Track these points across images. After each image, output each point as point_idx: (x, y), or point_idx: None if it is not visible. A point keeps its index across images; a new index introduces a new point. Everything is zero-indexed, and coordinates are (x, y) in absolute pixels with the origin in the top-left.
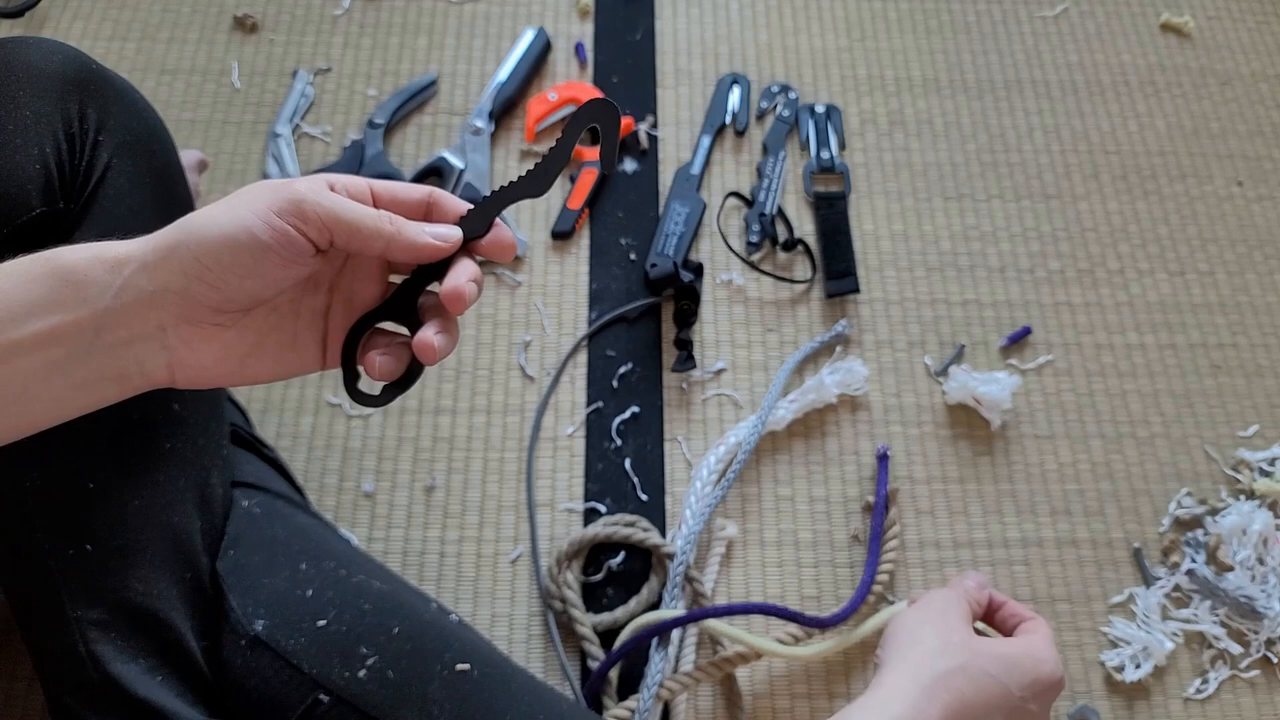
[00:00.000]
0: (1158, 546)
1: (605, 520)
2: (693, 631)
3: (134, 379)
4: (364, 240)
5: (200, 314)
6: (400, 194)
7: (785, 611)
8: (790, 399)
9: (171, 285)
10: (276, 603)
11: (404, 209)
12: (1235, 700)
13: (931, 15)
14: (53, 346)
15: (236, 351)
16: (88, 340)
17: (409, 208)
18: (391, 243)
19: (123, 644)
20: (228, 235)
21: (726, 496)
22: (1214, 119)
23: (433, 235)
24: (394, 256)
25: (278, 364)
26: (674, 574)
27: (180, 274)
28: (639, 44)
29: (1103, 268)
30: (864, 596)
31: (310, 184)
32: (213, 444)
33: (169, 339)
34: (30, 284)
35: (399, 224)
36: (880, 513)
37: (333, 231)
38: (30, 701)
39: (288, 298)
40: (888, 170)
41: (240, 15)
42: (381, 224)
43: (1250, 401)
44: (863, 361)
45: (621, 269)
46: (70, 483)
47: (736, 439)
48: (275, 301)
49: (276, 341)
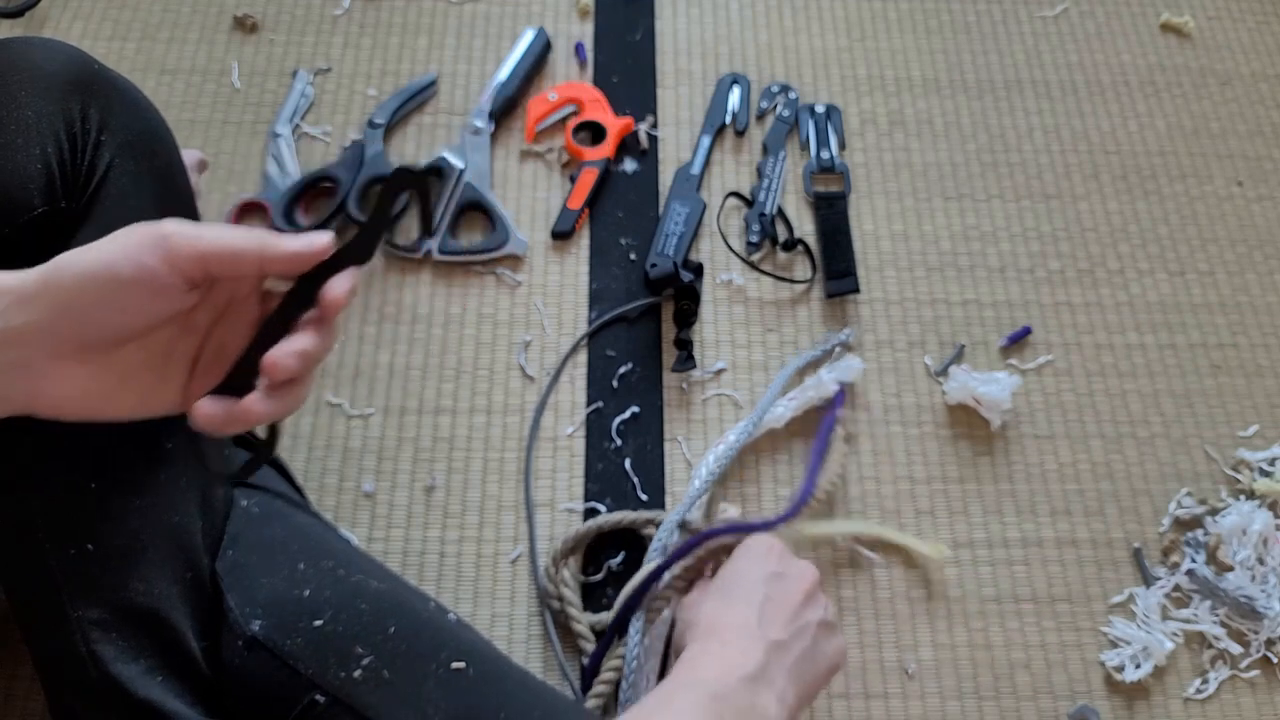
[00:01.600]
0: (1158, 546)
1: (603, 516)
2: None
3: None
4: (238, 258)
5: (66, 349)
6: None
7: (737, 526)
8: (790, 397)
9: (40, 320)
10: (274, 603)
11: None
12: (1235, 700)
13: (931, 15)
14: None
15: (100, 386)
16: None
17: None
18: (265, 251)
19: (123, 644)
20: (91, 272)
21: (724, 489)
22: (1214, 119)
23: (304, 241)
24: (270, 268)
25: (140, 402)
26: (654, 545)
27: (48, 309)
28: (639, 44)
29: (1103, 268)
30: (806, 500)
31: (179, 223)
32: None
33: (31, 372)
34: None
35: (270, 236)
36: (829, 425)
37: (206, 259)
38: (30, 701)
39: (162, 336)
40: (888, 170)
41: (240, 15)
42: (251, 239)
43: (1250, 401)
44: (860, 359)
45: (621, 269)
46: (72, 483)
47: (736, 438)
48: (147, 340)
49: (142, 381)
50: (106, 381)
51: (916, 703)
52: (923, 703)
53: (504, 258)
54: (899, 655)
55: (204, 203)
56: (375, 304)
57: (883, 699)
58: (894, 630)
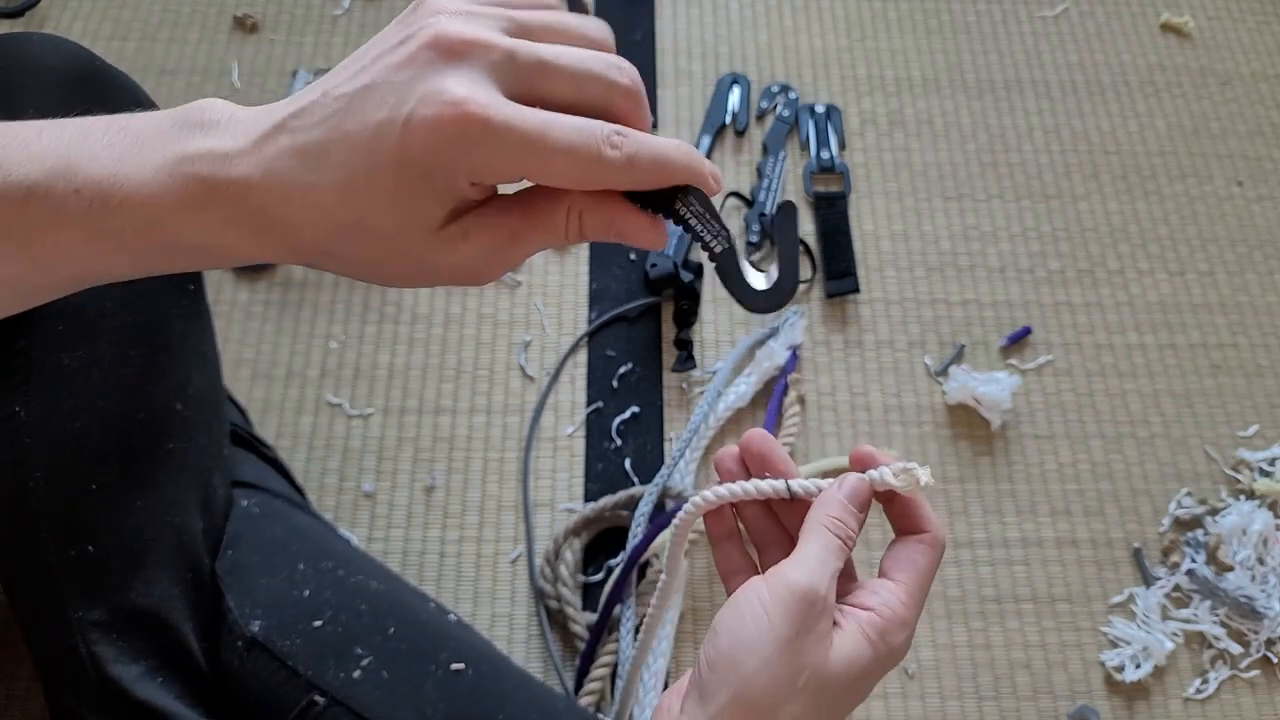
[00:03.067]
0: (1158, 546)
1: (587, 506)
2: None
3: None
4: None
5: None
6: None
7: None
8: (747, 373)
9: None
10: (274, 603)
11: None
12: (1235, 700)
13: (931, 15)
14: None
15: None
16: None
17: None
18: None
19: (124, 645)
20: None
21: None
22: (1214, 119)
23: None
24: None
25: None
26: (633, 528)
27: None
28: (639, 44)
29: (1103, 268)
30: None
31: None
32: (214, 444)
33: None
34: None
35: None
36: (780, 391)
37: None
38: (30, 701)
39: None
40: (888, 170)
41: (240, 15)
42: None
43: (1250, 401)
44: (798, 312)
45: (621, 269)
46: (73, 483)
47: (698, 419)
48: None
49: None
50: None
51: (916, 703)
52: (923, 703)
53: None
54: None
55: None
56: (375, 304)
57: (882, 699)
58: None
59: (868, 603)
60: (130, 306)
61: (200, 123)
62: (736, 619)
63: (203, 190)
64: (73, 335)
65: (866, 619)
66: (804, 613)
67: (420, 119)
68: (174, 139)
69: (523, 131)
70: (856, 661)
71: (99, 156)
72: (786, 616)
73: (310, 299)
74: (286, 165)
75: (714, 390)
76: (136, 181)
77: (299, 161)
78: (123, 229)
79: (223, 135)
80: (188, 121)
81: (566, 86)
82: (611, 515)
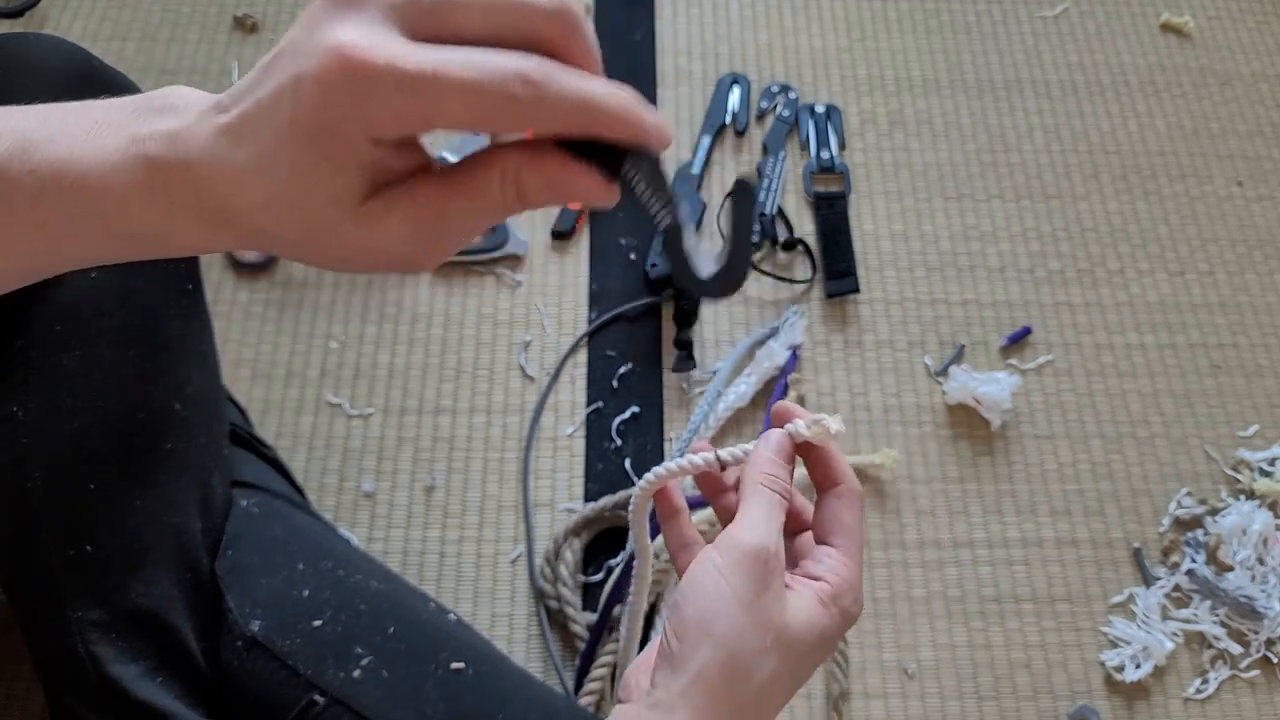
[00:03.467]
0: (1158, 546)
1: (587, 506)
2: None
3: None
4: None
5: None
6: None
7: (700, 499)
8: (747, 373)
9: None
10: (273, 603)
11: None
12: (1235, 700)
13: (931, 15)
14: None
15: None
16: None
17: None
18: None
19: (123, 645)
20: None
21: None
22: (1214, 119)
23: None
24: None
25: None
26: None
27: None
28: (639, 44)
29: (1103, 268)
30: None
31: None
32: (213, 444)
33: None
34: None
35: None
36: (780, 391)
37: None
38: (30, 701)
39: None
40: (888, 170)
41: (240, 15)
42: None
43: (1250, 401)
44: (798, 312)
45: (621, 269)
46: (72, 484)
47: (698, 419)
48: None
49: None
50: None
51: (916, 703)
52: (923, 703)
53: (504, 258)
54: (899, 655)
55: None
56: (375, 304)
57: (882, 699)
58: (894, 630)
59: (816, 572)
60: (129, 306)
61: (160, 107)
62: (696, 588)
63: (149, 171)
64: (71, 335)
65: (819, 587)
66: (759, 570)
67: (307, 74)
68: (132, 122)
69: (411, 71)
70: (816, 624)
71: (56, 139)
72: (743, 576)
73: (310, 299)
74: (217, 144)
75: (714, 390)
76: (90, 163)
77: (227, 139)
78: (75, 212)
79: (175, 117)
80: (149, 106)
81: (476, 18)
82: (611, 515)
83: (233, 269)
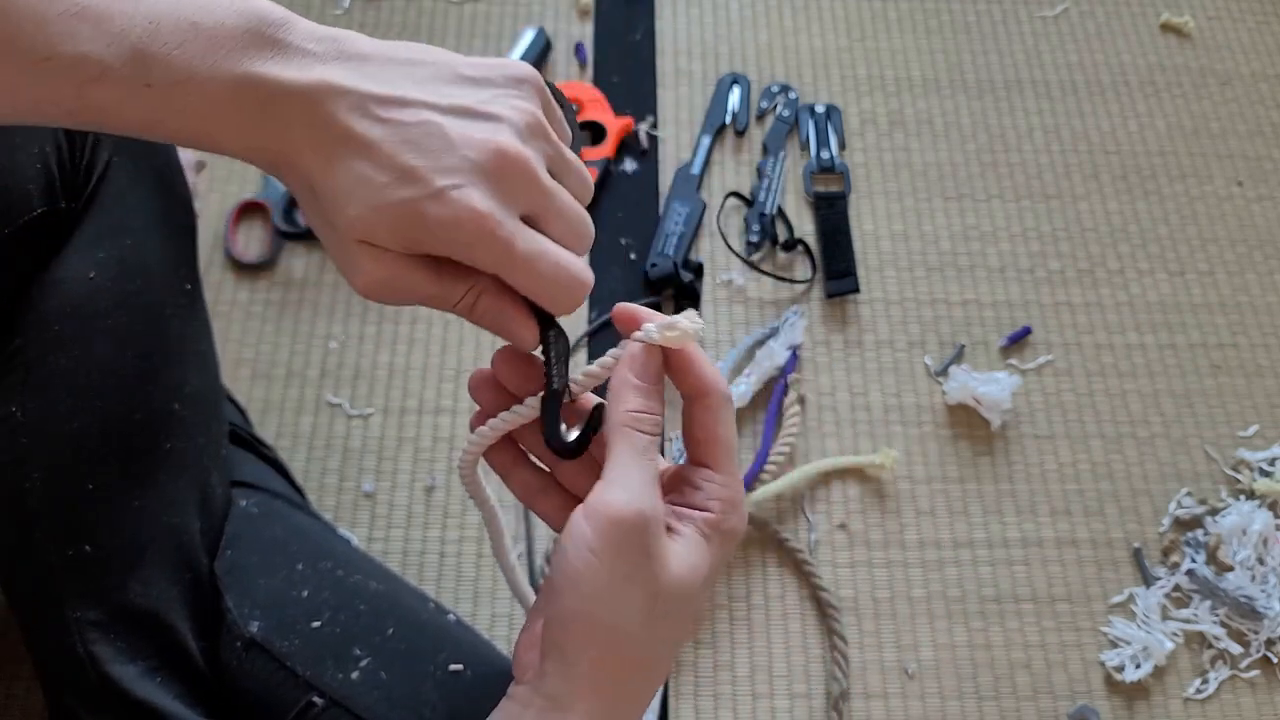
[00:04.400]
0: (1158, 546)
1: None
2: None
3: None
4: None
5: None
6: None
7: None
8: (747, 373)
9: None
10: (272, 604)
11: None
12: (1235, 700)
13: (931, 15)
14: None
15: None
16: None
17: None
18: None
19: (122, 645)
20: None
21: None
22: (1214, 119)
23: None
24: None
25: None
26: None
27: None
28: (639, 44)
29: (1103, 268)
30: (757, 472)
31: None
32: (213, 444)
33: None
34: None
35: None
36: (780, 392)
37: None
38: (30, 701)
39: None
40: (888, 170)
41: None
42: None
43: (1250, 401)
44: (798, 312)
45: (621, 269)
46: (70, 484)
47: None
48: None
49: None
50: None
51: (916, 703)
52: (923, 703)
53: None
54: (899, 655)
55: (203, 203)
56: (375, 304)
57: (882, 699)
58: (894, 630)
59: (697, 501)
60: (128, 307)
61: (272, 41)
62: (572, 575)
63: (261, 117)
64: (70, 335)
65: (703, 519)
66: (636, 540)
67: (438, 215)
68: (246, 56)
69: (520, 253)
70: (701, 565)
71: (173, 56)
72: (620, 553)
73: (310, 299)
74: (337, 150)
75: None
76: (205, 91)
77: (346, 149)
78: (180, 128)
79: (295, 68)
80: (259, 36)
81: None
82: None
83: (233, 269)
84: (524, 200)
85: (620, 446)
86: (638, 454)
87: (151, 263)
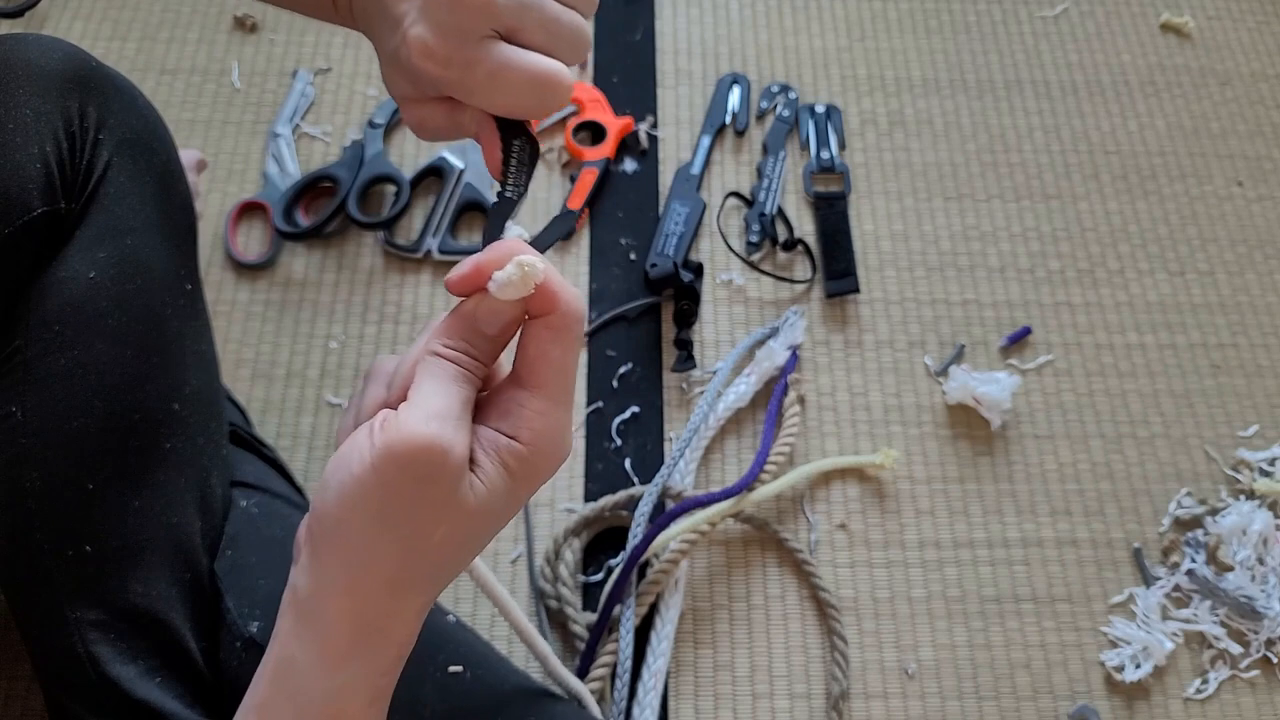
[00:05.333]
0: (1158, 546)
1: (587, 506)
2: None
3: None
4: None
5: None
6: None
7: (700, 500)
8: (747, 373)
9: None
10: (272, 604)
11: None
12: (1235, 700)
13: (931, 15)
14: None
15: None
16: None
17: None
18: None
19: (122, 645)
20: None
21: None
22: (1214, 119)
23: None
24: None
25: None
26: (633, 528)
27: None
28: (639, 44)
29: (1103, 268)
30: (757, 472)
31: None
32: (212, 444)
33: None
34: None
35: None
36: (780, 391)
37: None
38: (30, 701)
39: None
40: (888, 170)
41: (240, 15)
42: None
43: (1250, 401)
44: (798, 312)
45: (621, 269)
46: (70, 483)
47: (697, 419)
48: None
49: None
50: None
51: (916, 703)
52: (923, 703)
53: None
54: (899, 655)
55: (203, 203)
56: (375, 304)
57: (882, 699)
58: (894, 630)
59: (504, 427)
60: (128, 306)
61: None
62: (338, 484)
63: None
64: (70, 335)
65: (507, 449)
66: (420, 472)
67: (405, 55)
68: None
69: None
70: (494, 501)
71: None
72: (394, 482)
73: (310, 299)
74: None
75: (714, 390)
76: None
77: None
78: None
79: None
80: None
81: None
82: (611, 515)
83: (233, 269)
84: (482, 20)
85: (430, 370)
86: (447, 380)
87: (151, 263)
